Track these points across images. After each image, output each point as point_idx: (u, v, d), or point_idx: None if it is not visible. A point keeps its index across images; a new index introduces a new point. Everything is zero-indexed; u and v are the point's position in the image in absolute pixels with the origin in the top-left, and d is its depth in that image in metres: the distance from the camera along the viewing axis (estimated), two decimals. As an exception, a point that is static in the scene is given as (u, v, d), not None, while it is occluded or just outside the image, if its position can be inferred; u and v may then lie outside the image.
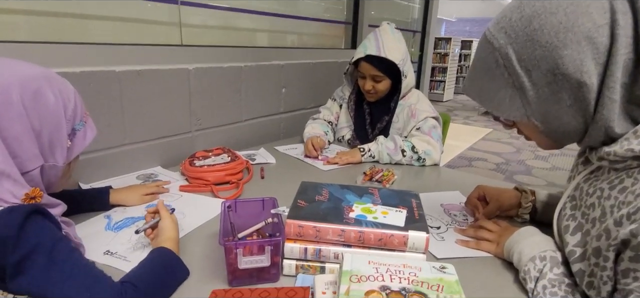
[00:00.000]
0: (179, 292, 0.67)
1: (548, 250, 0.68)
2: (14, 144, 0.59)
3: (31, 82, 0.61)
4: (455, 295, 0.54)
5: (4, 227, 0.52)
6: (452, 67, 8.47)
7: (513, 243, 0.73)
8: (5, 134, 0.58)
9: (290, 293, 0.62)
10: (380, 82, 1.37)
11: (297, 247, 0.69)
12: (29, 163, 0.61)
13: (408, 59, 1.38)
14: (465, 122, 6.26)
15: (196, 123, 1.36)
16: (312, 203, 0.75)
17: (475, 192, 0.99)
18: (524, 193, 0.93)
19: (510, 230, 0.79)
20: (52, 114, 0.63)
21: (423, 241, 0.66)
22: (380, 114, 1.46)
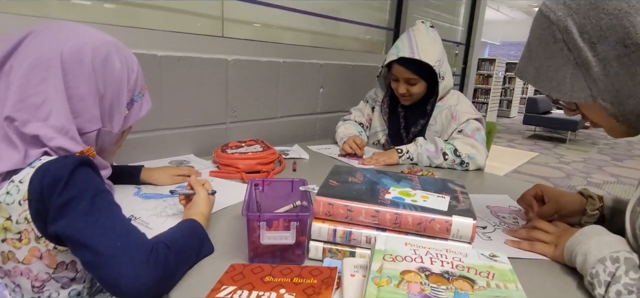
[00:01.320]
0: (199, 264, 0.64)
1: (622, 251, 0.57)
2: (79, 103, 0.61)
3: (102, 47, 0.63)
4: (510, 284, 0.46)
5: (57, 169, 0.54)
6: (495, 89, 8.14)
7: (576, 244, 0.63)
8: (71, 92, 0.60)
9: (315, 272, 0.56)
10: (414, 85, 1.29)
11: (325, 227, 0.64)
12: (88, 124, 0.63)
13: (445, 59, 1.29)
14: (509, 145, 5.93)
15: (231, 115, 1.35)
16: (345, 184, 0.69)
17: (532, 190, 0.87)
18: (590, 198, 0.81)
19: (570, 231, 0.68)
20: (117, 81, 0.66)
21: (469, 228, 0.58)
22: (415, 117, 1.38)
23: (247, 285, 0.53)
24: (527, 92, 9.62)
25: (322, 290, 0.51)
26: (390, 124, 1.45)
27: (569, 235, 0.66)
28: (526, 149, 5.66)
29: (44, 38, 0.60)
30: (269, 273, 0.56)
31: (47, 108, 0.58)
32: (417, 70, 1.25)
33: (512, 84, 9.04)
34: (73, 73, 0.60)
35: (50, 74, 0.58)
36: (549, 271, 0.66)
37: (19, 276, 0.57)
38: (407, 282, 0.45)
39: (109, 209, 0.56)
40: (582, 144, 6.28)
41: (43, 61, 0.58)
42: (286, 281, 0.54)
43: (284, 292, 0.51)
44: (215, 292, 0.52)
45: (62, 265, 0.59)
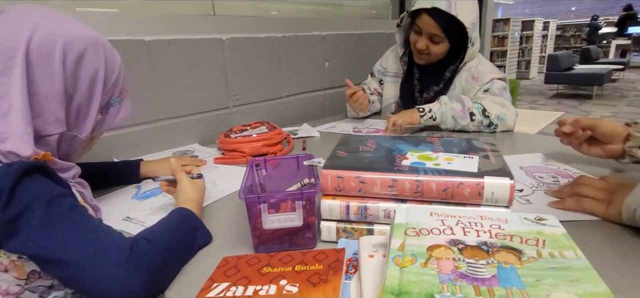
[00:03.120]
0: (198, 256, 0.57)
1: None
2: (41, 102, 0.54)
3: (77, 43, 0.56)
4: (566, 251, 0.37)
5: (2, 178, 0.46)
6: (512, 50, 7.79)
7: (638, 202, 0.52)
8: (35, 89, 0.53)
9: (320, 256, 0.48)
10: (438, 44, 1.15)
11: (336, 204, 0.55)
12: (50, 126, 0.55)
13: (477, 25, 1.16)
14: (531, 106, 5.67)
15: (234, 98, 1.28)
16: (355, 153, 0.61)
17: (571, 118, 0.79)
18: (635, 124, 0.72)
19: (625, 185, 0.58)
20: (90, 82, 0.59)
21: (506, 190, 0.49)
22: (430, 82, 1.25)
23: (242, 279, 0.46)
24: (546, 50, 9.17)
25: (330, 276, 0.43)
26: (404, 86, 1.32)
27: (625, 189, 0.56)
28: (550, 109, 5.40)
29: (13, 22, 0.53)
30: (266, 263, 0.49)
31: (6, 104, 0.50)
32: (447, 28, 1.12)
33: (530, 43, 8.63)
34: (39, 67, 0.52)
35: (12, 64, 0.51)
36: (605, 233, 0.56)
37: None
38: (437, 259, 0.36)
39: (70, 215, 0.49)
40: (609, 98, 5.95)
41: (6, 49, 0.51)
42: (287, 270, 0.46)
43: (286, 284, 0.43)
44: (205, 291, 0.44)
45: (34, 274, 0.52)
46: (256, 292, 0.43)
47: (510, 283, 0.32)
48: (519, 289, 0.32)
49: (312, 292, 0.41)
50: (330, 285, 0.42)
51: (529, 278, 0.33)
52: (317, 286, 0.42)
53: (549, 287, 0.32)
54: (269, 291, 0.42)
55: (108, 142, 1.01)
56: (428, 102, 1.20)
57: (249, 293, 0.42)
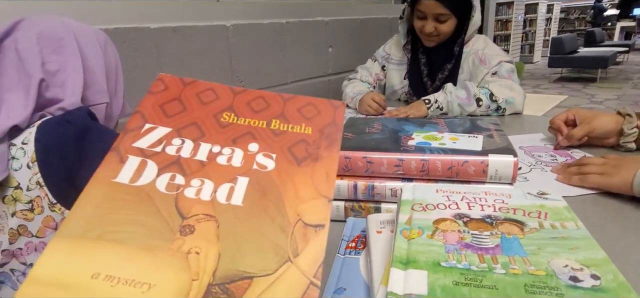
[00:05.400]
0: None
1: None
2: (91, 74, 0.61)
3: (102, 33, 0.66)
4: (567, 222, 0.39)
5: (81, 117, 0.52)
6: (515, 34, 7.71)
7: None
8: (86, 64, 0.60)
9: (309, 112, 0.36)
10: (445, 22, 1.14)
11: (344, 183, 0.57)
12: (98, 95, 0.62)
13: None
14: (535, 90, 5.64)
15: (239, 85, 1.29)
16: (362, 135, 0.62)
17: (562, 114, 0.81)
18: (628, 116, 0.73)
19: (632, 160, 0.59)
20: (116, 65, 0.67)
21: (510, 167, 0.50)
22: (440, 62, 1.24)
23: (190, 127, 0.31)
24: (549, 33, 9.08)
25: (322, 150, 0.31)
26: (411, 72, 1.32)
27: (633, 163, 0.57)
28: (554, 92, 5.37)
29: (43, 20, 0.58)
30: (228, 106, 0.33)
31: (63, 76, 0.56)
32: (450, 3, 1.11)
33: (533, 27, 8.54)
34: (85, 44, 0.60)
35: (65, 43, 0.58)
36: (607, 206, 0.58)
37: (33, 253, 0.54)
38: (443, 231, 0.38)
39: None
40: (614, 81, 5.91)
41: (53, 33, 0.57)
42: (260, 126, 0.32)
43: (256, 151, 0.30)
44: (132, 134, 0.31)
45: None
46: (212, 155, 0.29)
47: (513, 252, 0.34)
48: (521, 257, 0.34)
49: (295, 173, 0.29)
50: (322, 167, 0.29)
51: (531, 247, 0.35)
52: (303, 164, 0.29)
53: (549, 255, 0.33)
54: (232, 159, 0.28)
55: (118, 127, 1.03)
56: (443, 81, 1.21)
57: (201, 157, 0.29)
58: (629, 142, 0.74)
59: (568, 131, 0.78)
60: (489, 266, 0.33)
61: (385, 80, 1.42)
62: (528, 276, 0.31)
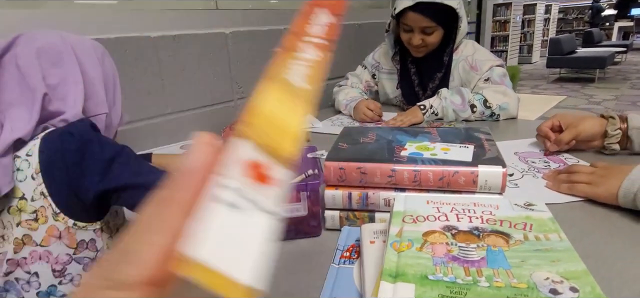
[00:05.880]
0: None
1: None
2: (90, 85, 0.63)
3: (99, 45, 0.68)
4: (551, 234, 0.40)
5: (83, 129, 0.55)
6: (514, 34, 7.73)
7: (639, 185, 0.55)
8: (85, 75, 0.62)
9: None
10: (431, 34, 1.16)
11: (339, 194, 0.59)
12: (98, 107, 0.64)
13: (462, 1, 1.16)
14: (533, 91, 5.66)
15: (238, 91, 1.31)
16: (357, 145, 0.64)
17: (549, 121, 0.83)
18: (611, 119, 0.77)
19: (618, 169, 0.61)
20: (113, 76, 0.69)
21: (499, 178, 0.52)
22: (431, 71, 1.26)
23: None
24: (548, 34, 9.10)
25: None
26: (403, 83, 1.34)
27: (616, 172, 0.59)
28: (552, 93, 5.39)
29: (41, 35, 0.60)
30: None
31: (63, 89, 0.59)
32: (435, 16, 1.12)
33: (532, 27, 8.56)
34: (84, 57, 0.62)
35: (64, 57, 0.60)
36: (593, 213, 0.59)
37: (38, 262, 0.56)
38: (431, 244, 0.40)
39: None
40: (612, 81, 5.93)
41: (52, 47, 0.59)
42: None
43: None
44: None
45: (83, 244, 0.57)
46: None
47: (497, 264, 0.36)
48: (505, 269, 0.35)
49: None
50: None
51: (515, 260, 0.36)
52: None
53: (532, 267, 0.35)
54: None
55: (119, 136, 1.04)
56: (434, 91, 1.21)
57: None
58: (613, 143, 0.77)
59: (556, 137, 0.81)
60: (474, 279, 0.34)
61: (377, 88, 1.44)
62: (510, 289, 0.33)
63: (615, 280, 0.45)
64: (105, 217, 0.59)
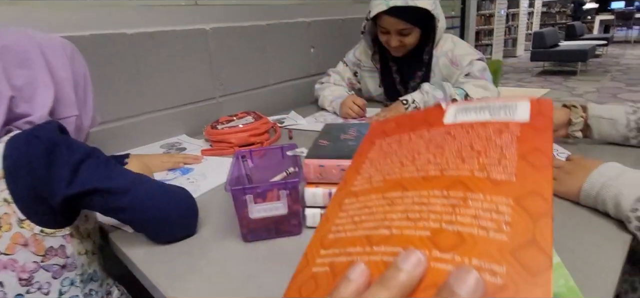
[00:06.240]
0: (189, 247, 0.59)
1: None
2: (59, 86, 0.60)
3: (68, 44, 0.65)
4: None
5: (50, 132, 0.52)
6: (498, 28, 7.82)
7: (599, 187, 0.56)
8: (54, 75, 0.60)
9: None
10: (408, 35, 1.16)
11: (319, 192, 0.58)
12: (67, 109, 0.62)
13: (437, 0, 1.16)
14: (518, 84, 5.75)
15: (220, 88, 1.28)
16: (337, 142, 0.63)
17: None
18: (574, 108, 0.81)
19: (583, 168, 0.60)
20: (84, 76, 0.66)
21: (477, 172, 0.52)
22: (411, 70, 1.26)
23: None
24: (532, 27, 9.24)
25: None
26: (384, 82, 1.34)
27: (583, 173, 0.59)
28: (536, 86, 5.48)
29: (5, 34, 0.57)
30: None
31: (30, 91, 0.56)
32: (410, 18, 1.13)
33: (516, 21, 8.67)
34: (52, 57, 0.60)
35: (31, 57, 0.57)
36: (561, 207, 0.60)
37: (2, 271, 0.53)
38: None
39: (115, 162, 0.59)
40: (593, 74, 6.05)
41: (17, 46, 0.56)
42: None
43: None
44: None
45: (51, 251, 0.55)
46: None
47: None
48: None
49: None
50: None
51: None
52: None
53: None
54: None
55: (93, 137, 1.01)
56: (415, 89, 1.21)
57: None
58: (576, 131, 0.81)
59: None
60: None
61: (360, 85, 1.43)
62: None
63: (587, 271, 0.45)
64: (75, 222, 0.57)
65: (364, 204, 0.31)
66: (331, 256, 0.28)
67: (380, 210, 0.29)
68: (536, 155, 0.27)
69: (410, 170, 0.31)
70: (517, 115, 0.33)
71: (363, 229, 0.29)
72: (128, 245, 0.62)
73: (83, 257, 0.62)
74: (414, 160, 0.32)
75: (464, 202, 0.25)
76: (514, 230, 0.21)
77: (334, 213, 0.33)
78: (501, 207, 0.23)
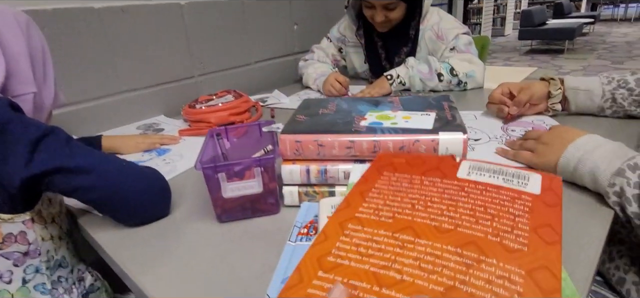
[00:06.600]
0: (161, 229, 0.56)
1: (636, 157, 0.49)
2: (13, 61, 0.56)
3: (22, 15, 0.61)
4: (509, 200, 0.38)
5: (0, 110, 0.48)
6: (487, 6, 7.77)
7: (576, 162, 0.53)
8: (6, 49, 0.55)
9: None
10: (393, 10, 1.12)
11: (296, 168, 0.55)
12: (22, 86, 0.57)
13: None
14: (506, 63, 5.75)
15: (199, 67, 1.23)
16: (315, 117, 0.60)
17: (498, 89, 0.85)
18: (552, 80, 0.80)
19: (561, 140, 0.57)
20: (42, 50, 0.62)
21: (459, 144, 0.50)
22: (396, 45, 1.23)
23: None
24: (520, 5, 9.21)
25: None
26: (369, 58, 1.30)
27: (561, 145, 0.56)
28: (524, 65, 5.49)
29: None
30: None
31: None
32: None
33: (505, 0, 8.64)
34: (4, 29, 0.55)
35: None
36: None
37: None
38: (385, 216, 0.37)
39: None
40: (580, 52, 6.09)
41: None
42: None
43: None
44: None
45: (10, 237, 0.52)
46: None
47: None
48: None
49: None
50: None
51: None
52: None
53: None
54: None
55: (63, 118, 0.97)
56: (399, 64, 1.19)
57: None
58: (556, 104, 0.80)
59: (514, 100, 0.81)
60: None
61: (345, 62, 1.40)
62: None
63: (570, 243, 0.44)
64: (36, 206, 0.53)
65: (371, 237, 0.31)
66: (331, 282, 0.27)
67: (390, 250, 0.29)
68: (547, 230, 0.29)
69: (422, 216, 0.34)
70: (529, 187, 0.36)
71: (370, 265, 0.28)
72: (97, 229, 0.59)
73: (48, 243, 0.58)
74: (427, 207, 0.33)
75: (478, 264, 0.26)
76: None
77: (335, 233, 0.32)
78: (513, 276, 0.25)
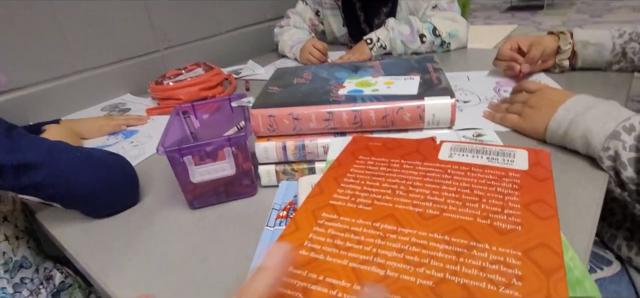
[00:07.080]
0: (126, 220, 0.52)
1: (631, 117, 0.45)
2: None
3: None
4: (503, 169, 0.35)
5: None
6: (467, -36, 7.62)
7: (567, 125, 0.49)
8: None
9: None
10: None
11: (272, 145, 0.50)
12: None
13: None
14: (486, 22, 5.70)
15: (164, 39, 1.14)
16: (289, 88, 0.55)
17: (507, 44, 0.78)
18: (562, 34, 0.76)
19: (550, 103, 0.53)
20: None
21: (448, 109, 0.46)
22: (376, 5, 1.16)
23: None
24: (500, -39, 9.06)
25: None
26: (348, 21, 1.23)
27: (550, 108, 0.52)
28: (504, 23, 5.45)
29: None
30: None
31: None
32: None
33: (484, -44, 8.46)
34: None
35: None
36: (526, 142, 0.55)
37: None
38: (369, 196, 0.33)
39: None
40: (559, 7, 6.08)
41: None
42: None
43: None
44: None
45: None
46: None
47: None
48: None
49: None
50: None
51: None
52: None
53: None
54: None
55: (22, 102, 0.88)
56: (379, 26, 1.12)
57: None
58: (564, 59, 0.76)
59: (527, 56, 0.75)
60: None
61: (323, 26, 1.32)
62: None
63: (567, 214, 0.41)
64: None
65: (349, 228, 0.29)
66: (305, 280, 0.25)
67: (370, 242, 0.27)
68: (540, 206, 0.27)
69: (404, 202, 0.31)
70: (516, 163, 0.34)
71: (349, 259, 0.26)
72: (55, 224, 0.53)
73: (4, 244, 0.53)
74: (408, 193, 0.30)
75: (469, 251, 0.24)
76: (526, 286, 0.21)
77: (307, 222, 0.29)
78: (510, 259, 0.23)
